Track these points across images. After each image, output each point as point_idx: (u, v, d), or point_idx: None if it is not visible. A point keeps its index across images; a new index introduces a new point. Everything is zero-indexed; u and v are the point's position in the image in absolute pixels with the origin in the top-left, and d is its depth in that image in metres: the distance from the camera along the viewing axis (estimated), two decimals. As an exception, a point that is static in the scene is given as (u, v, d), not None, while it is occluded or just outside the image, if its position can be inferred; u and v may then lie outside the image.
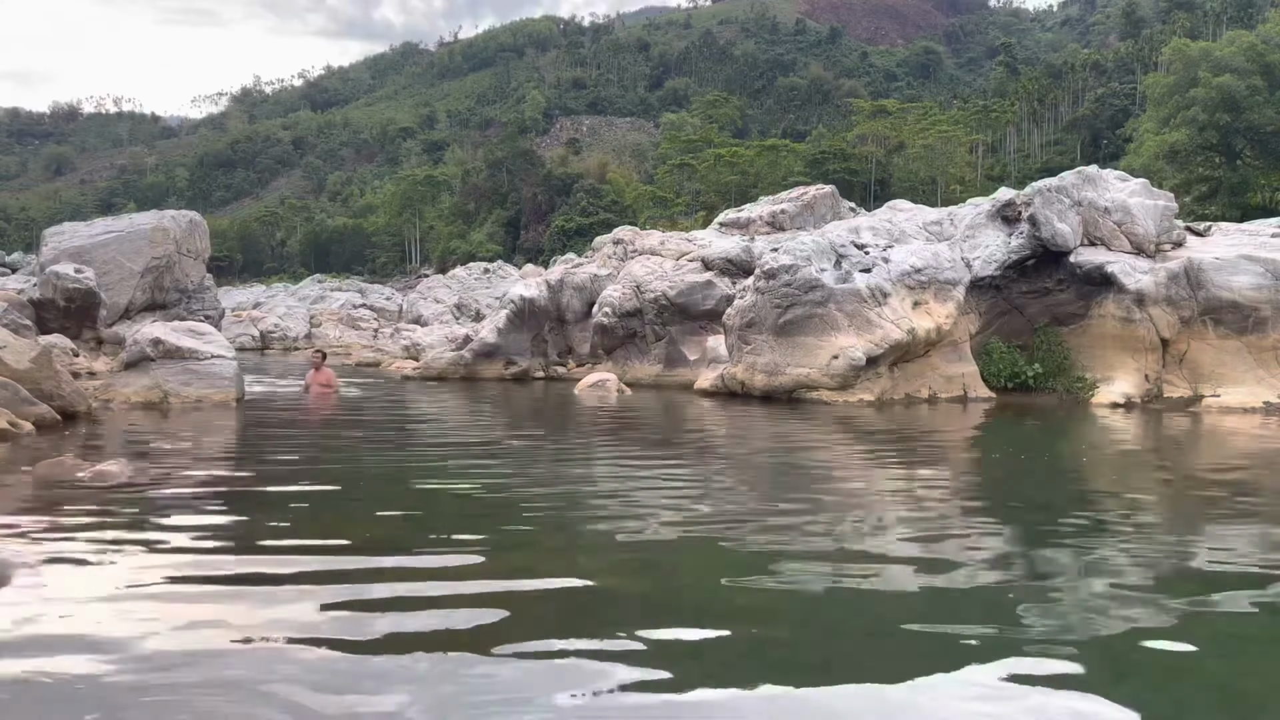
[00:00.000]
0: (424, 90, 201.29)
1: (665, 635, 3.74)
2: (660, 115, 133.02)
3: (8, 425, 8.89)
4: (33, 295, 17.77)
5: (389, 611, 3.95)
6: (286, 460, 8.64)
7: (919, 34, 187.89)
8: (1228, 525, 6.16)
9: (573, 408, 14.33)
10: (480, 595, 4.22)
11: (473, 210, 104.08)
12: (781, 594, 4.35)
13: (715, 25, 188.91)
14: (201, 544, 5.10)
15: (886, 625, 4.01)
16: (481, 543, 5.22)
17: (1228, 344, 14.37)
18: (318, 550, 4.99)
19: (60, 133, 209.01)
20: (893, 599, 4.35)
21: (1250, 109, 47.23)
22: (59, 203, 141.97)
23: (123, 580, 4.36)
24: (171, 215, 22.73)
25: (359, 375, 21.61)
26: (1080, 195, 15.95)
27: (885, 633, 3.92)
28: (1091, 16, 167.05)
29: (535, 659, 3.45)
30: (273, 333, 39.30)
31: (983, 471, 9.00)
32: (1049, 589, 4.50)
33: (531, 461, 8.91)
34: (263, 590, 4.24)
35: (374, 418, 13.13)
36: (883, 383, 14.63)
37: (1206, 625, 4.08)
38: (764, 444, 10.63)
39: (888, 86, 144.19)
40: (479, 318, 33.15)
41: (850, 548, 5.27)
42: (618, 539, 5.40)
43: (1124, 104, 76.73)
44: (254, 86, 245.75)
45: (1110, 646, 3.72)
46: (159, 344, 13.00)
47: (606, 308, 19.38)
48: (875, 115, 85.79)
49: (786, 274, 14.60)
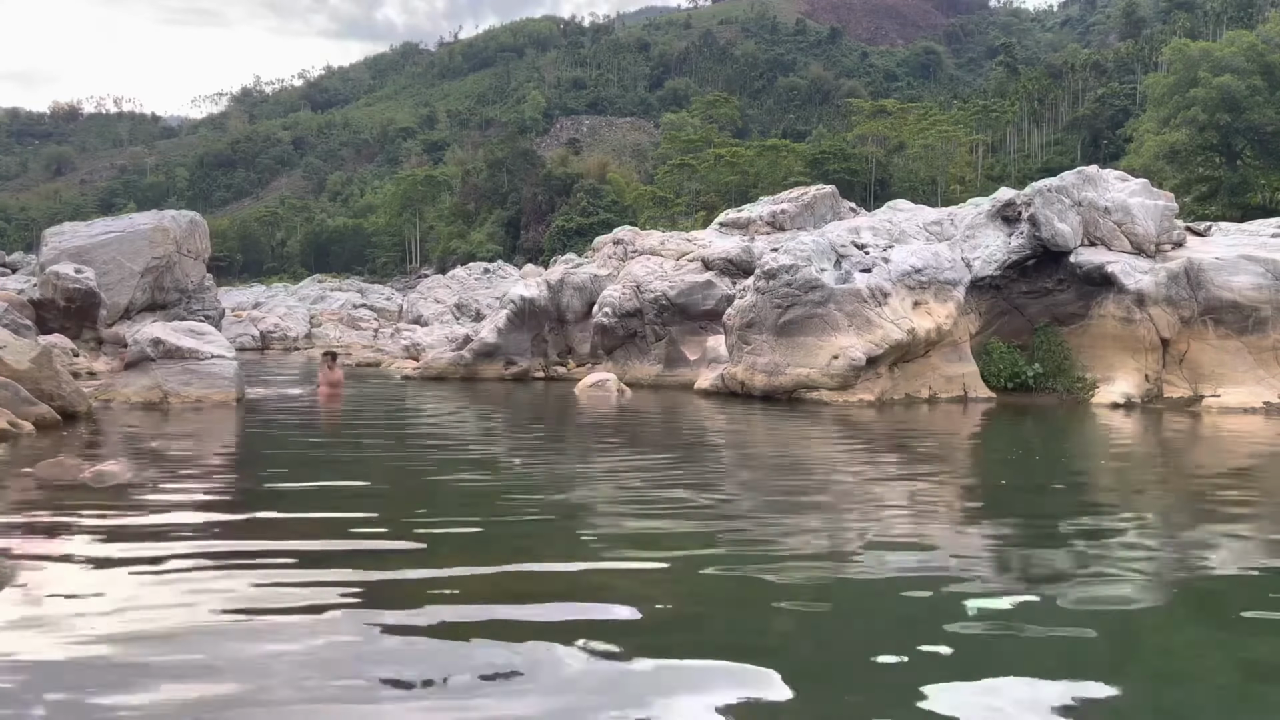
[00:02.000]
0: (424, 90, 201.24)
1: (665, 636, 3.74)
2: (660, 115, 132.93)
3: (8, 425, 8.89)
4: (33, 295, 17.78)
5: (390, 609, 3.95)
6: (286, 460, 8.64)
7: (919, 34, 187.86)
8: (1227, 526, 6.15)
9: (573, 408, 14.33)
10: (481, 595, 4.22)
11: (473, 210, 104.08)
12: (781, 595, 4.35)
13: (715, 25, 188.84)
14: (201, 544, 5.10)
15: (887, 626, 4.01)
16: (483, 542, 5.22)
17: (1228, 344, 14.37)
18: (318, 549, 4.99)
19: (60, 133, 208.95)
20: (893, 599, 4.35)
21: (1250, 109, 47.24)
22: (59, 203, 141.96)
23: (122, 580, 4.37)
24: (171, 215, 22.76)
25: (359, 375, 21.61)
26: (1080, 195, 15.95)
27: (886, 633, 3.92)
28: (1091, 16, 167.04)
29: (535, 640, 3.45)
30: (273, 333, 39.29)
31: (982, 472, 9.00)
32: (1049, 590, 4.49)
33: (532, 461, 8.91)
34: (263, 590, 4.24)
35: (374, 418, 13.12)
36: (883, 383, 14.63)
37: (1207, 625, 4.08)
38: (764, 444, 10.63)
39: (888, 86, 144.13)
40: (479, 318, 33.14)
41: (851, 548, 5.27)
42: (618, 540, 5.40)
43: (1124, 104, 76.73)
44: (254, 86, 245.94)
45: (1110, 647, 3.72)
46: (159, 344, 13.01)
47: (606, 308, 19.37)
48: (875, 115, 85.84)
49: (786, 274, 14.60)
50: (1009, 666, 3.46)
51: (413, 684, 3.21)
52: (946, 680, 3.31)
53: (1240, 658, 3.71)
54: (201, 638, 3.62)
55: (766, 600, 4.25)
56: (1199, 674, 3.58)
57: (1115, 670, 3.49)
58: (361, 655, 3.48)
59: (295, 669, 3.33)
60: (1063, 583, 4.60)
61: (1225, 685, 3.46)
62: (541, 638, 3.62)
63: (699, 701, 3.13)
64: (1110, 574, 4.76)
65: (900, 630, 3.92)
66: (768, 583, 4.50)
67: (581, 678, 3.30)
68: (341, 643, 3.59)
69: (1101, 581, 4.60)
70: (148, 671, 3.28)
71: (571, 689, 3.20)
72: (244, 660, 3.40)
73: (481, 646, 3.55)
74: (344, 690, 3.18)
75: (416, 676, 3.27)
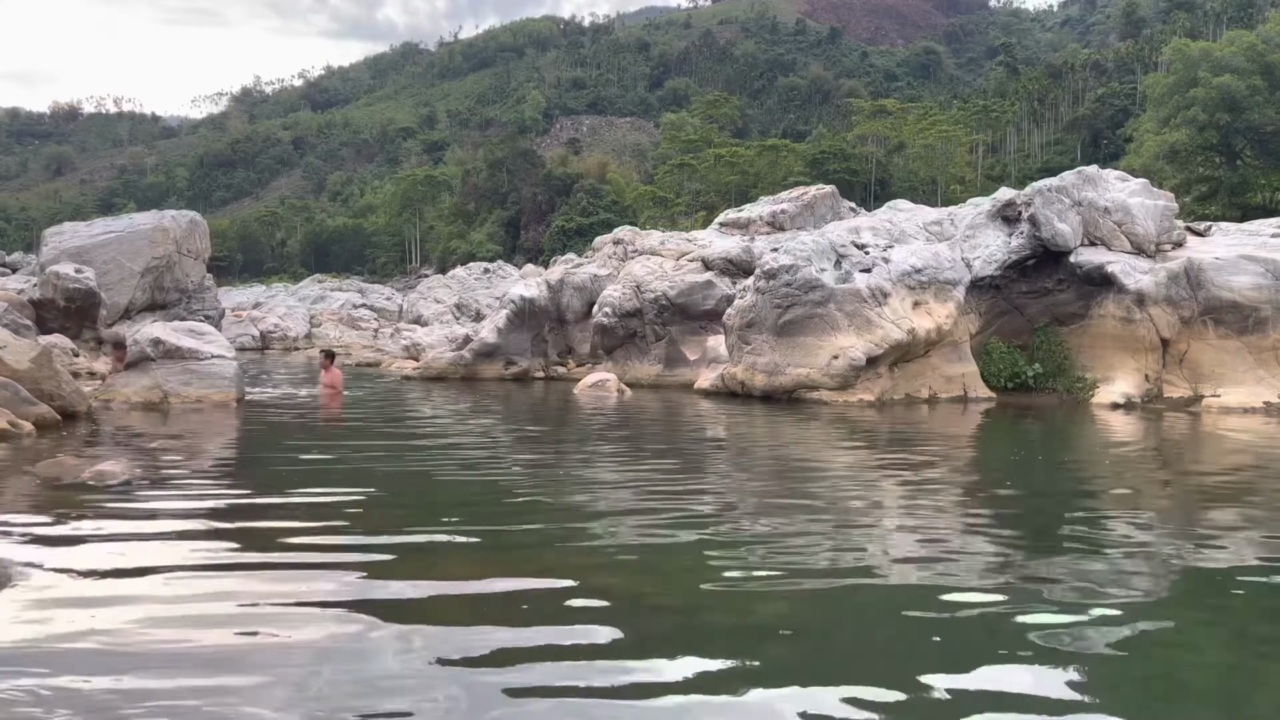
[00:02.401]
0: (424, 90, 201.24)
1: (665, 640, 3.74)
2: (660, 115, 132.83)
3: (8, 425, 8.89)
4: (33, 295, 17.78)
5: (389, 607, 3.95)
6: (286, 460, 8.64)
7: (919, 34, 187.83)
8: (1227, 526, 6.15)
9: (573, 408, 14.33)
10: (482, 595, 4.22)
11: (473, 210, 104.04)
12: (780, 594, 4.35)
13: (715, 25, 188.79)
14: (201, 544, 5.10)
15: (888, 626, 4.01)
16: (484, 543, 5.22)
17: (1228, 344, 14.37)
18: (318, 550, 4.99)
19: (60, 133, 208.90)
20: (893, 599, 4.35)
21: (1250, 109, 47.21)
22: (59, 203, 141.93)
23: (122, 580, 4.37)
24: (171, 215, 22.75)
25: (359, 376, 21.60)
26: (1080, 195, 15.95)
27: (886, 634, 3.92)
28: (1091, 16, 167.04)
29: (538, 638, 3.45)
30: (273, 333, 39.29)
31: (982, 472, 9.00)
32: (1049, 591, 4.49)
33: (530, 461, 8.91)
34: (263, 589, 4.24)
35: (373, 418, 13.11)
36: (883, 383, 14.63)
37: (1208, 627, 4.07)
38: (763, 444, 10.63)
39: (888, 86, 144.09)
40: (479, 318, 33.14)
41: (850, 548, 5.27)
42: (618, 538, 5.40)
43: (1124, 104, 76.73)
44: (254, 86, 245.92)
45: (1110, 647, 3.72)
46: (159, 344, 13.00)
47: (606, 308, 19.37)
48: (875, 115, 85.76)
49: (787, 274, 14.60)
50: (1008, 667, 3.46)
51: (410, 701, 3.21)
52: (948, 682, 3.31)
53: (1241, 658, 3.71)
54: (202, 637, 3.61)
55: (763, 600, 4.25)
56: (1201, 674, 3.58)
57: (1116, 671, 3.48)
58: (359, 664, 3.47)
59: (299, 667, 3.33)
60: (1063, 582, 4.60)
61: (1226, 685, 3.46)
62: (538, 656, 3.61)
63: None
64: (1111, 574, 4.76)
65: (903, 637, 3.92)
66: (764, 582, 4.50)
67: (581, 686, 3.30)
68: (339, 648, 3.59)
69: (1103, 582, 4.60)
70: (147, 670, 3.28)
71: (567, 704, 3.20)
72: (247, 660, 3.40)
73: (476, 668, 3.55)
74: (339, 707, 3.17)
75: (412, 697, 3.27)
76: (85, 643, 3.53)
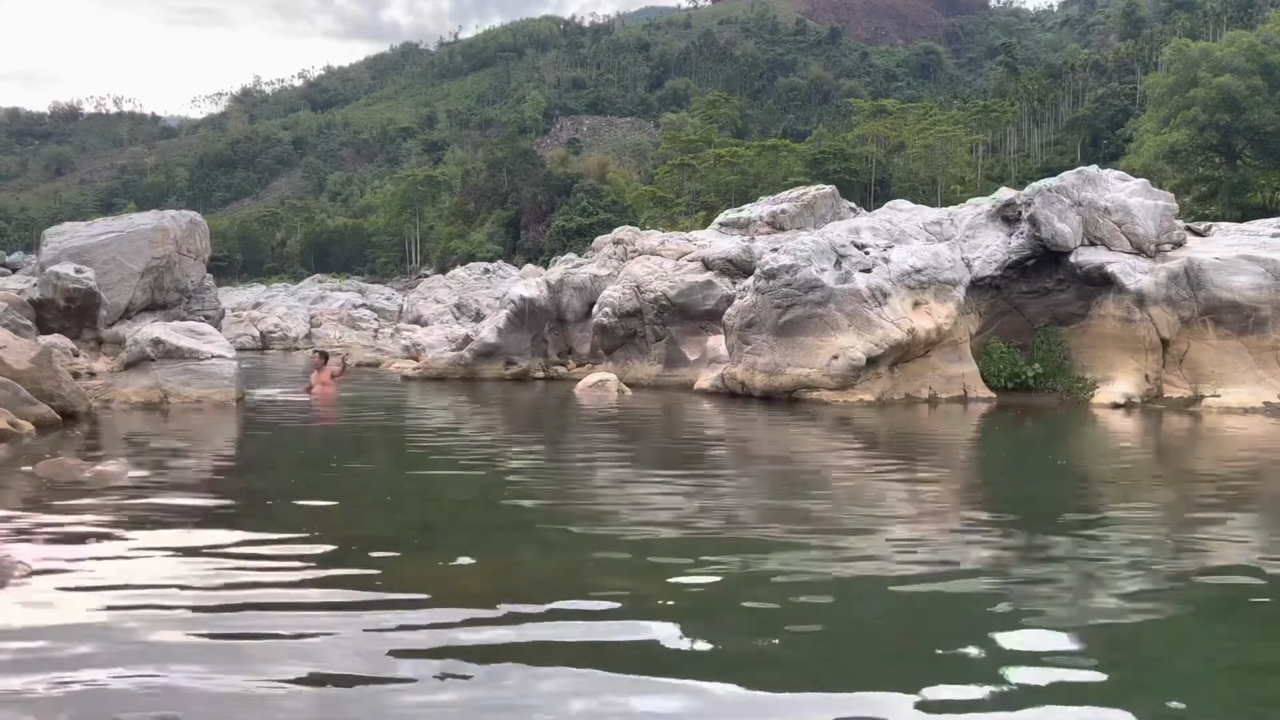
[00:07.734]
0: (424, 90, 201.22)
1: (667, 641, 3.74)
2: (660, 115, 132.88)
3: (8, 425, 8.89)
4: (33, 295, 17.77)
5: (388, 607, 3.95)
6: (285, 460, 8.64)
7: (919, 34, 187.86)
8: (1227, 525, 6.16)
9: (573, 408, 14.33)
10: (482, 596, 4.22)
11: (473, 210, 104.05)
12: (779, 595, 4.35)
13: (715, 25, 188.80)
14: (201, 544, 5.10)
15: (888, 627, 4.01)
16: (480, 546, 5.22)
17: (1228, 344, 14.36)
18: (318, 548, 4.99)
19: (60, 133, 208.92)
20: (893, 599, 4.35)
21: (1250, 109, 47.19)
22: (59, 203, 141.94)
23: (122, 580, 4.37)
24: (171, 215, 22.72)
25: (360, 375, 21.60)
26: (1080, 195, 15.94)
27: (887, 634, 3.92)
28: (1091, 16, 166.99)
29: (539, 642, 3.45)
30: (273, 333, 39.30)
31: (982, 472, 9.00)
32: (1049, 591, 4.49)
33: (531, 461, 8.91)
34: (263, 590, 4.24)
35: (373, 420, 13.12)
36: (883, 383, 14.63)
37: (1209, 626, 4.07)
38: (765, 445, 10.63)
39: (888, 86, 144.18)
40: (479, 318, 33.11)
41: (850, 549, 5.27)
42: (616, 539, 5.40)
43: (1124, 104, 76.76)
44: (254, 86, 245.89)
45: (1111, 647, 3.72)
46: (159, 344, 13.00)
47: (606, 308, 19.36)
48: (875, 115, 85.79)
49: (786, 274, 14.60)
50: (1008, 668, 3.46)
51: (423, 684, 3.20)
52: (948, 682, 3.31)
53: (1243, 658, 3.71)
54: (202, 637, 3.62)
55: (765, 601, 4.25)
56: (1201, 674, 3.58)
57: (1117, 671, 3.48)
58: (363, 660, 3.47)
59: (299, 666, 3.33)
60: (1064, 582, 4.60)
61: (1228, 687, 3.47)
62: (543, 660, 3.61)
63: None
64: (1113, 576, 4.76)
65: (903, 637, 3.92)
66: (770, 590, 4.50)
67: (584, 694, 3.30)
68: (342, 646, 3.59)
69: (1104, 584, 4.60)
70: (147, 669, 3.28)
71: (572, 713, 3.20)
72: (247, 661, 3.40)
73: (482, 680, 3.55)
74: (345, 701, 3.18)
75: (420, 687, 3.27)
76: (85, 642, 3.53)
